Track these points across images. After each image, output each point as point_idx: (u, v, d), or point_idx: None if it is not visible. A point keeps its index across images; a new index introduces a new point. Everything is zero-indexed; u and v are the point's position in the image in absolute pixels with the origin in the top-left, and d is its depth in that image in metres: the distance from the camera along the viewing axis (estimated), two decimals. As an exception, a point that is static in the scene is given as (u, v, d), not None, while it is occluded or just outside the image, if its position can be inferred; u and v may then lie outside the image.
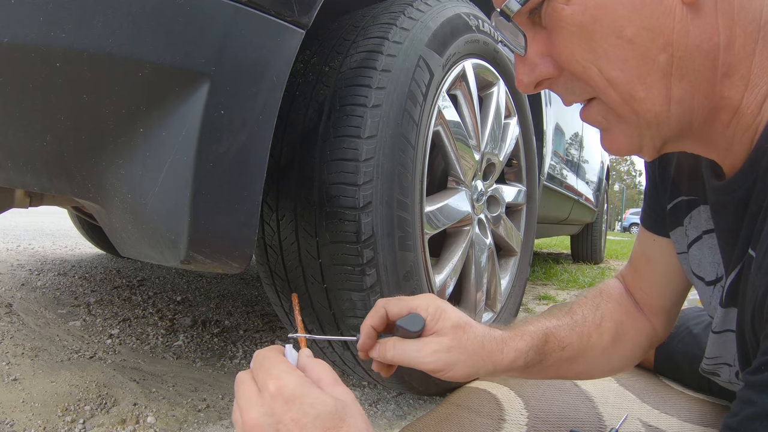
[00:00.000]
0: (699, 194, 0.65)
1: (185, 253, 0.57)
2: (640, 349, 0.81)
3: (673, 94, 0.46)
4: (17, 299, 1.43)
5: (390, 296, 0.82)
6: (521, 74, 0.52)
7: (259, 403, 0.44)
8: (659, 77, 0.45)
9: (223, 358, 1.22)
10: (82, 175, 0.60)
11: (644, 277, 0.80)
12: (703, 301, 0.70)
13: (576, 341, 0.73)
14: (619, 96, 0.47)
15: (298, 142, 0.82)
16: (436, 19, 0.94)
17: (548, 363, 0.70)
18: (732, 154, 0.51)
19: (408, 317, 0.62)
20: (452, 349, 0.62)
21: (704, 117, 0.49)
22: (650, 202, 0.77)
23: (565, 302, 0.81)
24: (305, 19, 0.63)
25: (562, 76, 0.51)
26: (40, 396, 0.87)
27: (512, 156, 1.43)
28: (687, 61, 0.45)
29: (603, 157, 4.25)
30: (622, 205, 36.61)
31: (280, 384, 0.44)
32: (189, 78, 0.54)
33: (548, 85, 0.53)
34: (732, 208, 0.54)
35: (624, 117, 0.48)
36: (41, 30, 0.49)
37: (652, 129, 0.48)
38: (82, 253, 2.52)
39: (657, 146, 0.51)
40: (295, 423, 0.43)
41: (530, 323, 0.72)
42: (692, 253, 0.68)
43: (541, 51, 0.50)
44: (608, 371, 0.81)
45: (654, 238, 0.77)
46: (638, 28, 0.44)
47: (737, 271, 0.53)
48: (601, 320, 0.76)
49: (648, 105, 0.47)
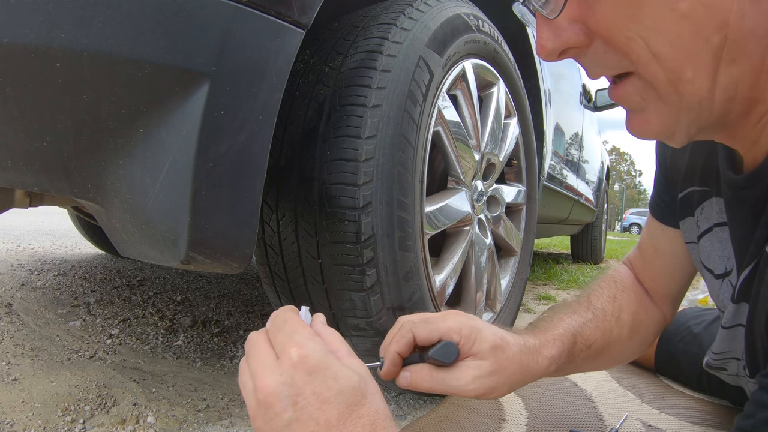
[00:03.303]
0: (712, 186, 0.64)
1: (185, 253, 0.57)
2: (651, 337, 0.81)
3: (720, 79, 0.42)
4: (17, 299, 1.43)
5: (390, 295, 0.82)
6: (544, 39, 0.46)
7: (277, 371, 0.41)
8: (709, 59, 0.41)
9: (223, 358, 1.22)
10: (82, 175, 0.60)
11: (653, 267, 0.80)
12: (711, 293, 0.70)
13: (600, 338, 0.72)
14: (664, 74, 0.43)
15: (298, 142, 0.82)
16: (436, 20, 0.94)
17: (575, 363, 0.69)
18: (757, 146, 0.50)
19: (441, 347, 0.57)
20: (494, 373, 0.58)
21: (743, 108, 0.46)
22: (660, 191, 0.76)
23: (580, 293, 0.80)
24: (305, 19, 0.63)
25: (593, 45, 0.45)
26: (40, 396, 0.87)
27: (512, 156, 1.43)
28: (740, 46, 0.41)
29: (603, 157, 4.25)
30: (622, 205, 36.62)
31: (304, 353, 0.41)
32: (189, 78, 0.54)
33: (574, 54, 0.47)
34: (750, 203, 0.53)
35: (665, 97, 0.44)
36: (41, 30, 0.49)
37: (692, 114, 0.45)
38: (82, 253, 2.52)
39: (691, 134, 0.47)
40: (316, 397, 0.40)
41: (557, 325, 0.69)
42: (702, 245, 0.68)
43: (572, 15, 0.44)
44: (622, 361, 0.82)
45: (662, 228, 0.77)
46: (695, 2, 0.40)
47: (751, 267, 0.53)
48: (620, 312, 0.75)
49: (695, 87, 0.43)
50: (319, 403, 0.40)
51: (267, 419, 0.40)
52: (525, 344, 0.63)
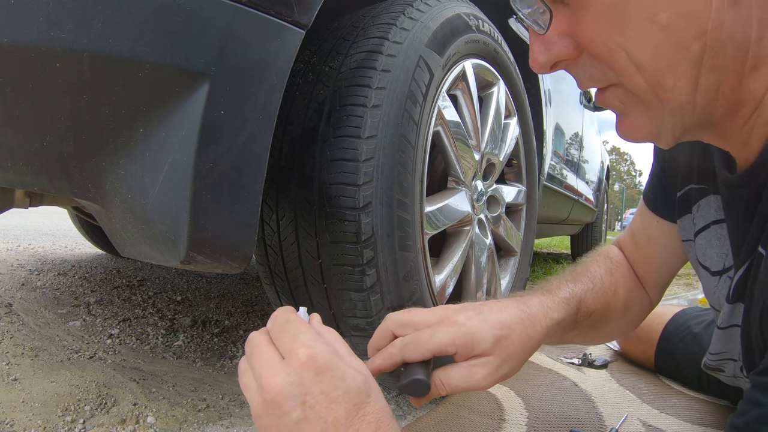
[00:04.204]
0: (709, 183, 0.65)
1: (185, 253, 0.57)
2: (640, 318, 0.83)
3: (701, 84, 0.45)
4: (17, 299, 1.43)
5: (390, 295, 0.82)
6: (536, 53, 0.49)
7: (285, 371, 0.41)
8: (690, 66, 0.44)
9: (223, 358, 1.22)
10: (82, 175, 0.60)
11: (644, 255, 0.81)
12: (707, 292, 0.70)
13: (600, 309, 0.72)
14: (646, 82, 0.45)
15: (298, 142, 0.82)
16: (436, 20, 0.94)
17: (576, 331, 0.69)
18: (748, 147, 0.51)
19: (411, 383, 0.53)
20: (502, 363, 0.57)
21: (727, 109, 0.47)
22: (656, 184, 0.77)
23: (576, 265, 0.80)
24: (305, 19, 0.63)
25: (582, 58, 0.48)
26: (40, 396, 0.87)
27: (512, 156, 1.43)
28: (719, 52, 0.43)
29: (603, 157, 4.25)
30: (622, 205, 36.64)
31: (313, 353, 0.42)
32: (189, 78, 0.54)
33: (565, 67, 0.50)
34: (744, 203, 0.53)
35: (648, 103, 0.47)
36: (41, 30, 0.49)
37: (675, 118, 0.47)
38: (82, 253, 2.51)
39: (676, 135, 0.49)
40: (324, 396, 0.41)
41: (561, 287, 0.69)
42: (698, 242, 0.68)
43: (561, 30, 0.47)
44: (612, 337, 0.84)
45: (657, 219, 0.77)
46: (674, 14, 0.42)
47: (745, 267, 0.53)
48: (616, 287, 0.76)
49: (675, 93, 0.45)
50: (328, 402, 0.41)
51: (274, 419, 0.41)
52: (529, 314, 0.62)
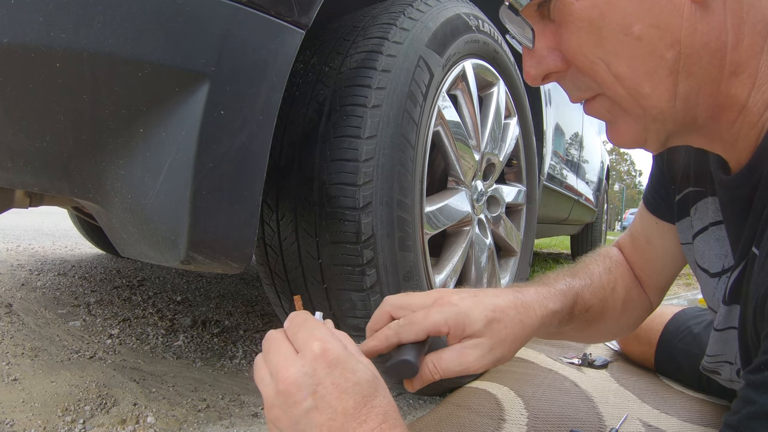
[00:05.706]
0: (707, 186, 0.65)
1: (185, 253, 0.57)
2: (639, 320, 0.83)
3: (680, 90, 0.47)
4: (17, 299, 1.43)
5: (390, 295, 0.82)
6: (529, 66, 0.52)
7: (299, 362, 0.44)
8: (666, 74, 0.46)
9: (223, 358, 1.22)
10: (82, 175, 0.60)
11: (644, 257, 0.81)
12: (706, 295, 0.70)
13: (597, 305, 0.73)
14: (625, 91, 0.47)
15: (298, 142, 0.82)
16: (436, 20, 0.94)
17: (573, 324, 0.70)
18: (738, 150, 0.52)
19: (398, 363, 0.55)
20: (495, 346, 0.58)
21: (709, 113, 0.49)
22: (656, 186, 0.77)
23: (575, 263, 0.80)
24: (305, 19, 0.63)
25: (570, 70, 0.51)
26: (40, 396, 0.87)
27: (512, 156, 1.43)
28: (694, 59, 0.45)
29: (603, 157, 4.25)
30: (622, 205, 36.62)
31: (326, 347, 0.45)
32: (189, 78, 0.54)
33: (556, 79, 0.53)
34: (738, 204, 0.54)
35: (630, 111, 0.49)
36: (41, 30, 0.49)
37: (657, 123, 0.49)
38: (82, 253, 2.51)
39: (662, 140, 0.51)
40: (335, 387, 0.43)
41: (559, 280, 0.70)
42: (697, 244, 0.68)
43: (549, 44, 0.50)
44: (608, 337, 0.84)
45: (656, 221, 0.78)
46: (646, 25, 0.44)
47: (741, 269, 0.53)
48: (615, 285, 0.76)
49: (654, 101, 0.47)
50: (338, 393, 0.43)
51: (285, 407, 0.43)
52: (523, 301, 0.62)
